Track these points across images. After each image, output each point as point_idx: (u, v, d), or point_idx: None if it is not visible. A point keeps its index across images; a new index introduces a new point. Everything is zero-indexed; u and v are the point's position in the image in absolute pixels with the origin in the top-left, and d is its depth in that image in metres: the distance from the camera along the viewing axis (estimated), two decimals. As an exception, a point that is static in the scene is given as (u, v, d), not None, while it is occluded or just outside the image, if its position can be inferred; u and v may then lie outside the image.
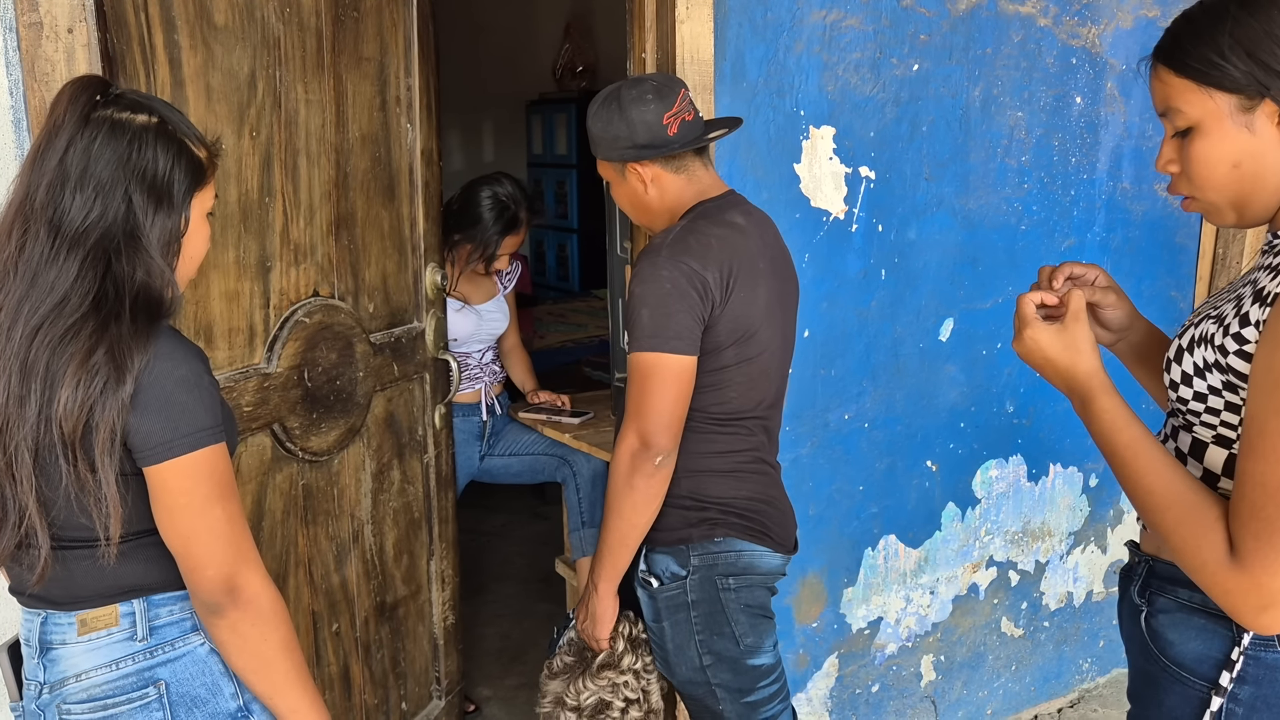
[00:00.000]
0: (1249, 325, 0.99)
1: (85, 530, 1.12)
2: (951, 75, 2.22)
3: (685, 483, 1.61)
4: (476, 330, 2.73)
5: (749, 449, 1.66)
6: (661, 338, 1.51)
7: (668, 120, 1.60)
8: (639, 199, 1.68)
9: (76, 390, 1.05)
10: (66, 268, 1.09)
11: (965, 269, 2.36)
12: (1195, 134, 1.04)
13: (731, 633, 1.65)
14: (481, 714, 2.80)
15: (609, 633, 1.70)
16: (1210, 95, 1.02)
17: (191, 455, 1.10)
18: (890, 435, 2.33)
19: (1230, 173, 1.03)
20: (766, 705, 1.72)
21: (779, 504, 1.72)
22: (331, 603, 2.03)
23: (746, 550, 1.64)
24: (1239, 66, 0.99)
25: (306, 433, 1.89)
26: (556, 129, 5.88)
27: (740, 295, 1.57)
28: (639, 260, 1.57)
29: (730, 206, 1.66)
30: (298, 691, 1.20)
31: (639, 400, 1.53)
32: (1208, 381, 1.05)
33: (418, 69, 2.14)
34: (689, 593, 1.64)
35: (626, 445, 1.55)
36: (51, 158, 1.10)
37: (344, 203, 1.97)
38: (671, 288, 1.51)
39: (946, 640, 2.54)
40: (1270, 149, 1.01)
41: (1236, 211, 1.07)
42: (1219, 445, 1.07)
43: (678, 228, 1.59)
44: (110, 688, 1.15)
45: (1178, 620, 1.11)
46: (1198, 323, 1.09)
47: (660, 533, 1.64)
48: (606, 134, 1.63)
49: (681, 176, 1.65)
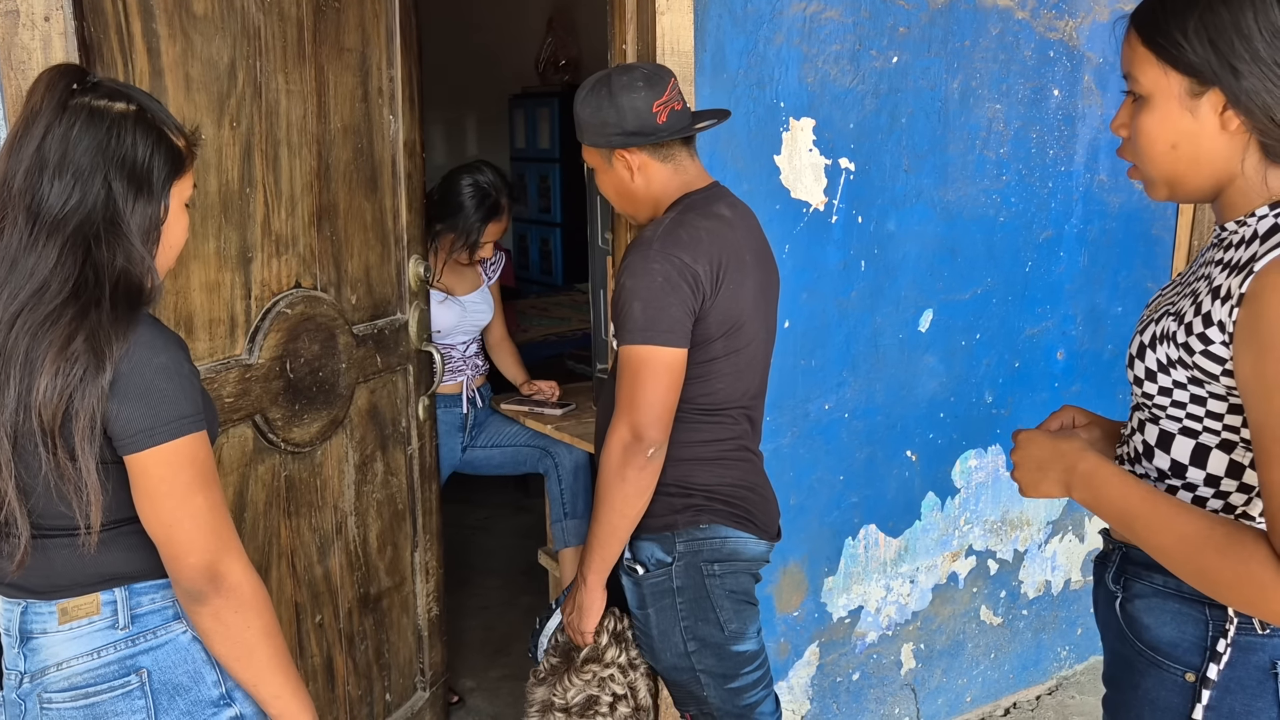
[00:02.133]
0: (1212, 325, 1.00)
1: (65, 519, 1.12)
2: (930, 67, 2.24)
3: (671, 471, 1.62)
4: (460, 322, 2.73)
5: (733, 437, 1.67)
6: (654, 331, 1.51)
7: (657, 108, 1.59)
8: (625, 187, 1.68)
9: (56, 378, 1.04)
10: (46, 254, 1.08)
11: (944, 260, 2.38)
12: (1145, 106, 1.06)
13: (716, 619, 1.66)
14: (465, 705, 2.80)
15: (595, 625, 1.70)
16: (1166, 72, 1.03)
17: (173, 443, 1.10)
18: (870, 425, 2.35)
19: (1168, 152, 1.06)
20: (750, 691, 1.73)
21: (762, 491, 1.73)
22: (315, 594, 2.03)
23: (732, 536, 1.66)
24: (1198, 51, 1.01)
25: (289, 424, 1.89)
26: (539, 123, 5.87)
27: (729, 288, 1.58)
28: (629, 253, 1.58)
29: (716, 199, 1.66)
30: (280, 678, 1.20)
31: (631, 393, 1.53)
32: (1172, 377, 1.06)
33: (400, 60, 2.14)
34: (674, 579, 1.65)
35: (618, 438, 1.55)
36: (29, 144, 1.10)
37: (326, 194, 1.96)
38: (664, 281, 1.52)
39: (926, 629, 2.56)
40: (1208, 136, 1.03)
41: (1169, 188, 1.09)
42: (1185, 436, 1.08)
43: (667, 220, 1.59)
44: (92, 676, 1.15)
45: (1153, 605, 1.12)
46: (1157, 319, 1.10)
47: (646, 519, 1.65)
48: (595, 119, 1.62)
49: (669, 166, 1.65)
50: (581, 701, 1.71)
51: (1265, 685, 1.04)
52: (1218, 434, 1.06)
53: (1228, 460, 1.06)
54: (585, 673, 1.71)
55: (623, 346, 1.55)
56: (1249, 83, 0.99)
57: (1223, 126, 1.03)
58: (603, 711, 1.71)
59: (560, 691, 1.71)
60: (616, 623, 1.73)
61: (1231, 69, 0.99)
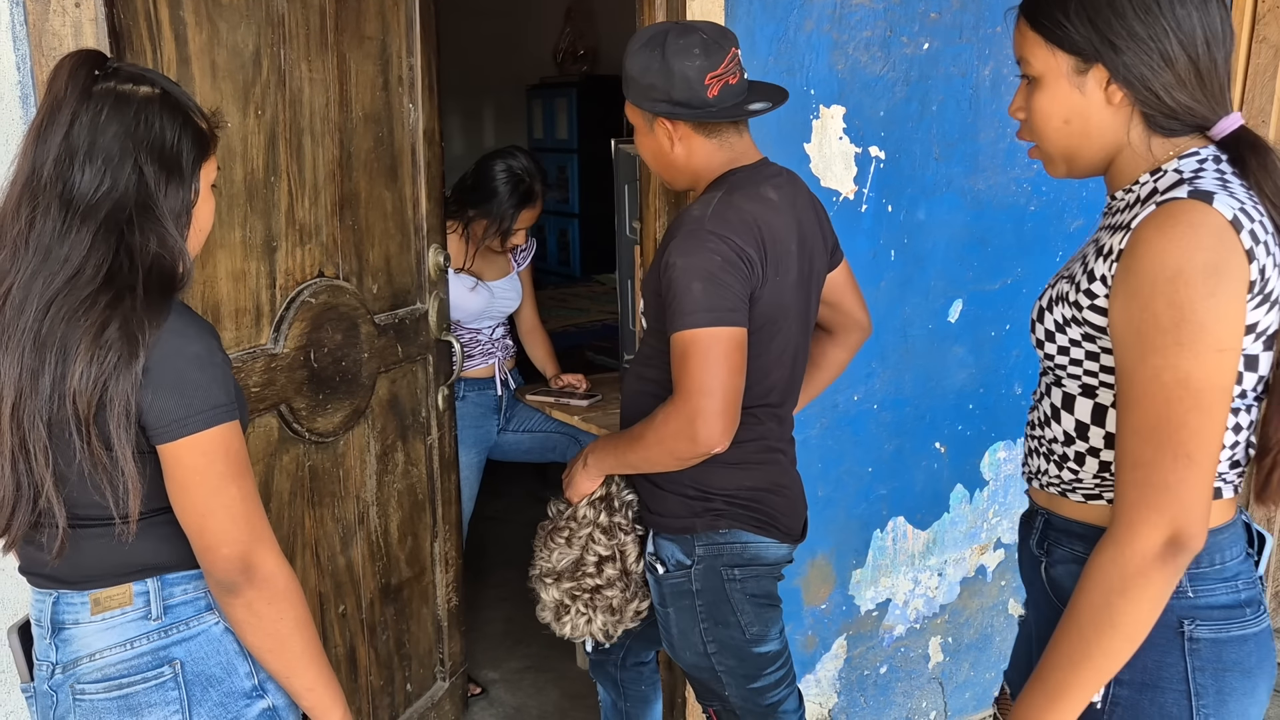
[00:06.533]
0: (1096, 280, 1.08)
1: (98, 508, 1.10)
2: (961, 54, 2.20)
3: (689, 471, 1.55)
4: (488, 307, 2.71)
5: (756, 438, 1.60)
6: (719, 310, 1.42)
7: (710, 80, 1.48)
8: (663, 154, 1.58)
9: (90, 365, 1.03)
10: (79, 241, 1.07)
11: (974, 250, 2.34)
12: (1037, 86, 1.14)
13: (737, 621, 1.62)
14: (488, 696, 2.80)
15: (580, 499, 1.69)
16: (1053, 53, 1.11)
17: (206, 432, 1.09)
18: (899, 417, 2.32)
19: (1061, 127, 1.14)
20: (772, 690, 1.70)
21: (788, 491, 1.66)
22: (338, 584, 2.02)
23: (753, 542, 1.60)
24: (1080, 30, 1.09)
25: (313, 414, 1.88)
26: (557, 113, 5.84)
27: (774, 280, 1.51)
28: (677, 233, 1.48)
29: (764, 179, 1.57)
30: (314, 669, 1.19)
31: (700, 379, 1.42)
32: (1069, 335, 1.13)
33: (419, 49, 2.12)
34: (693, 581, 1.61)
35: (681, 418, 1.44)
36: (56, 133, 1.08)
37: (347, 183, 1.95)
38: (722, 260, 1.43)
39: (954, 622, 2.54)
40: (1096, 111, 1.11)
41: (1066, 164, 1.17)
42: (1085, 396, 1.15)
43: (715, 199, 1.50)
44: (125, 667, 1.14)
45: (1074, 571, 1.15)
46: (1054, 284, 1.18)
47: (665, 519, 1.62)
48: (643, 79, 1.52)
49: (713, 141, 1.56)
50: (568, 565, 1.68)
51: (1173, 643, 1.10)
52: (1111, 388, 1.12)
53: None
54: (561, 533, 1.68)
55: (683, 330, 1.43)
56: (1127, 57, 1.07)
57: (1108, 100, 1.11)
58: (589, 571, 1.67)
59: (546, 555, 1.70)
60: (602, 489, 1.68)
61: (1111, 45, 1.08)
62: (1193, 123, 1.10)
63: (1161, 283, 1.00)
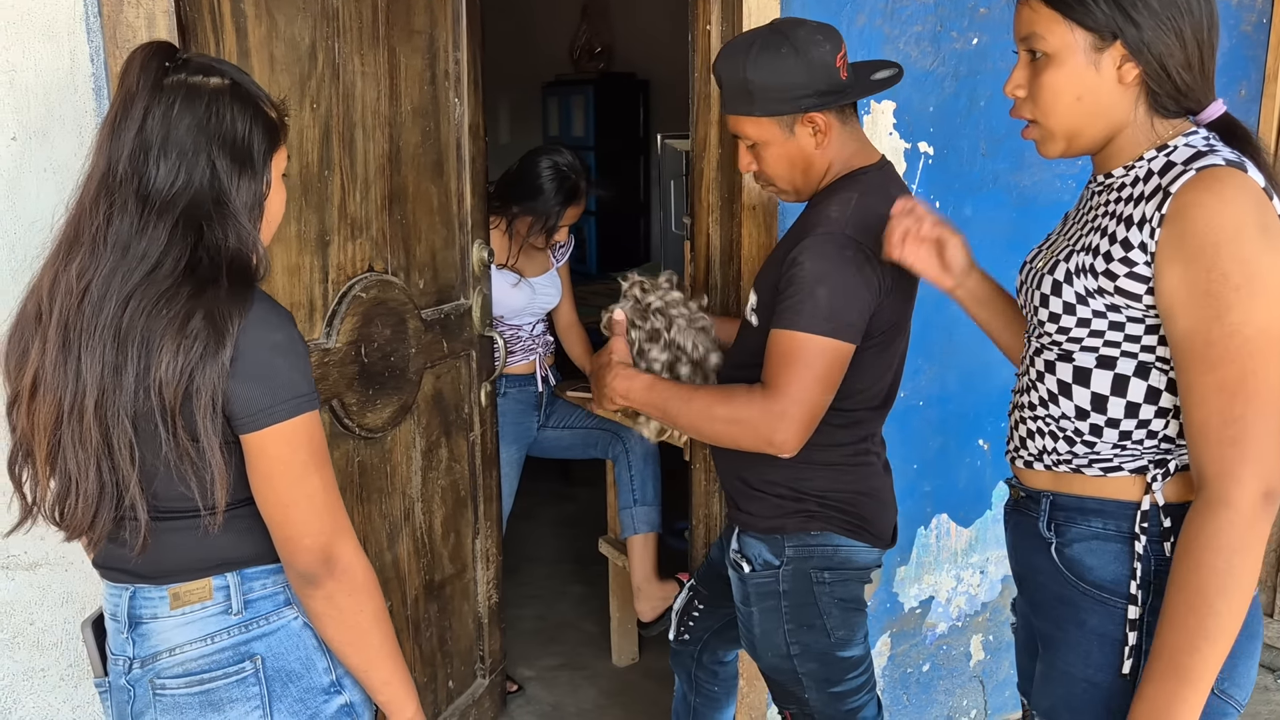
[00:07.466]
0: (1133, 249, 1.09)
1: (182, 500, 1.10)
2: (1009, 49, 2.18)
3: (784, 471, 1.53)
4: (529, 304, 2.70)
5: (857, 441, 1.58)
6: (838, 323, 1.39)
7: (840, 63, 1.44)
8: (805, 156, 1.50)
9: (177, 356, 1.02)
10: (156, 236, 1.06)
11: (1018, 246, 2.32)
12: (1050, 63, 1.15)
13: (823, 625, 1.60)
14: (525, 694, 2.79)
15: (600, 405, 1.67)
16: (1072, 29, 1.12)
17: (291, 421, 1.08)
18: (944, 414, 2.31)
19: (1073, 105, 1.15)
20: (853, 696, 1.66)
21: (881, 495, 1.64)
22: (384, 580, 2.01)
23: (844, 545, 1.58)
24: (1103, 8, 1.10)
25: (363, 409, 1.87)
26: (573, 111, 5.82)
27: (902, 287, 1.48)
28: (812, 232, 1.43)
29: (890, 180, 1.53)
30: (391, 663, 1.18)
31: (800, 383, 1.39)
32: (1091, 307, 1.14)
33: (465, 43, 2.12)
34: (781, 582, 1.59)
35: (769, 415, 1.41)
36: (130, 127, 1.07)
37: (396, 177, 1.94)
38: (856, 270, 1.40)
39: (995, 620, 2.53)
40: (1108, 89, 1.14)
41: (1067, 141, 1.18)
42: (1104, 367, 1.16)
43: (853, 201, 1.45)
44: (207, 662, 1.13)
45: (1094, 548, 1.18)
46: (1065, 258, 1.18)
47: (754, 518, 1.60)
48: (778, 82, 1.43)
49: (848, 129, 1.51)
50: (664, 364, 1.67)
51: None
52: (1134, 357, 1.14)
53: (1145, 386, 1.14)
54: None
55: (794, 330, 1.40)
56: (1146, 34, 1.10)
57: (1120, 79, 1.13)
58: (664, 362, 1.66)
59: None
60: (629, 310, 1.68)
61: (1133, 21, 1.10)
62: (1188, 105, 1.14)
63: (1225, 242, 1.02)
